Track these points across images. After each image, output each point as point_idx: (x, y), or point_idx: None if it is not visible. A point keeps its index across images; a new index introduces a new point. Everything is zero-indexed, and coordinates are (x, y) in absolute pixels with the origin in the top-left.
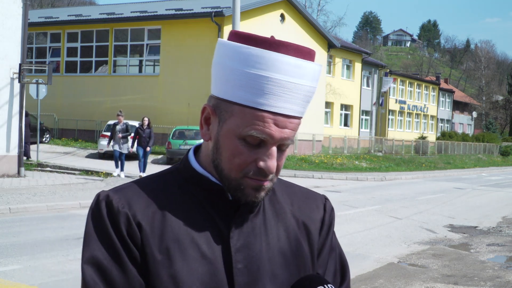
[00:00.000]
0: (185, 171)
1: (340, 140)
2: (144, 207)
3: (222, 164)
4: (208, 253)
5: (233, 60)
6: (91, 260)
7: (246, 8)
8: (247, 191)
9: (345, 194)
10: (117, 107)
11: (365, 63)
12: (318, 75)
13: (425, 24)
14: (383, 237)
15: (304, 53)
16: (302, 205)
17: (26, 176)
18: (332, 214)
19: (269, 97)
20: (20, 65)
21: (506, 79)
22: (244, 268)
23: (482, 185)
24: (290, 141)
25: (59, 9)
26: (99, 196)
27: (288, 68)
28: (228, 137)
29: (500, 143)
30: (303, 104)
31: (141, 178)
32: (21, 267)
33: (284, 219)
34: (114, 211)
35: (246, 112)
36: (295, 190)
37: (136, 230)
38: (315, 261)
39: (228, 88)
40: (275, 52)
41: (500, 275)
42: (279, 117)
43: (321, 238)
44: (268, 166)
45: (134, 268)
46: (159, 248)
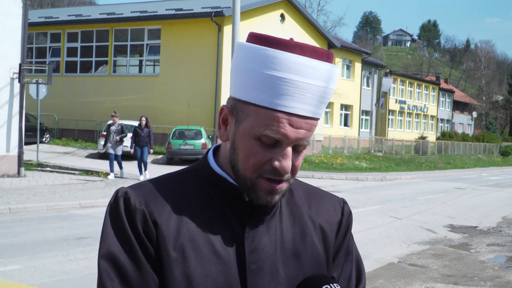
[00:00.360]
0: (204, 171)
1: (340, 140)
2: (161, 205)
3: (238, 164)
4: (222, 253)
5: (249, 61)
6: (107, 255)
7: (246, 8)
8: (260, 194)
9: (345, 194)
10: (117, 107)
11: (365, 63)
12: (335, 77)
13: (425, 24)
14: (383, 237)
15: (320, 54)
16: (320, 208)
17: (26, 176)
18: (349, 217)
19: (284, 97)
20: (20, 65)
21: (506, 79)
22: (258, 269)
23: (482, 185)
24: (306, 142)
25: (59, 9)
26: (118, 192)
27: (303, 68)
28: (244, 137)
29: (500, 143)
30: (319, 105)
31: (159, 176)
32: (21, 267)
33: (301, 222)
34: (131, 208)
35: (261, 113)
36: (313, 192)
37: (152, 228)
38: (330, 264)
39: (244, 89)
40: (291, 53)
41: (500, 275)
42: (294, 117)
43: (337, 241)
44: (283, 166)
45: (148, 265)
46: (174, 246)
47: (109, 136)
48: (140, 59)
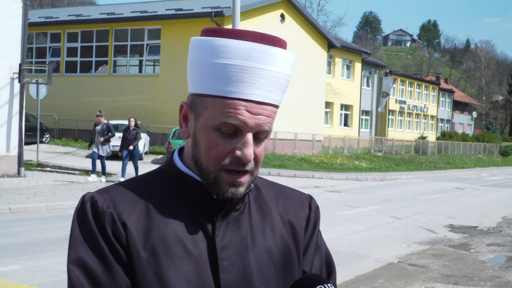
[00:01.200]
0: (170, 172)
1: (340, 140)
2: (129, 207)
3: (201, 158)
4: (193, 251)
5: (201, 54)
6: (76, 261)
7: (246, 8)
8: (224, 187)
9: (345, 194)
10: (117, 107)
11: (365, 63)
12: (289, 63)
13: (425, 24)
14: (383, 237)
15: (271, 40)
16: (288, 204)
17: (26, 176)
18: (317, 212)
19: (238, 84)
20: (20, 65)
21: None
22: (230, 265)
23: (482, 185)
24: (267, 128)
25: (59, 9)
26: (84, 197)
27: (254, 54)
28: (204, 130)
29: (500, 143)
30: (276, 91)
31: (126, 180)
32: (21, 267)
33: (270, 218)
34: (99, 212)
35: (217, 102)
36: (281, 189)
37: (121, 230)
38: (301, 259)
39: (199, 82)
40: (241, 40)
41: (500, 275)
42: (250, 103)
43: (306, 236)
44: (245, 154)
45: (120, 268)
46: (145, 247)
47: (94, 136)
48: (140, 59)
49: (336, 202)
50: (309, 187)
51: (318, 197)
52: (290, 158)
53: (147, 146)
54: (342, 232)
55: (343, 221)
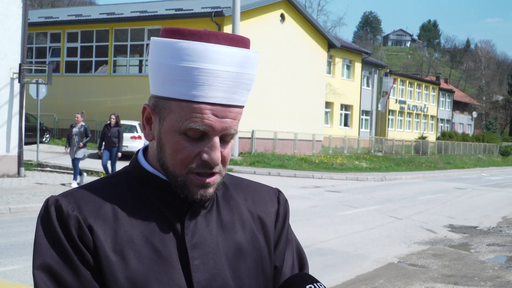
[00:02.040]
0: (135, 171)
1: (340, 140)
2: (95, 210)
3: (167, 161)
4: (163, 251)
5: (165, 56)
6: (42, 267)
7: (246, 8)
8: (193, 189)
9: (345, 194)
10: (117, 107)
11: (365, 63)
12: (255, 62)
13: (425, 24)
14: (383, 237)
15: (236, 41)
16: (256, 199)
17: (26, 176)
18: (286, 206)
19: (204, 88)
20: (20, 65)
21: (506, 79)
22: (201, 264)
23: (482, 185)
24: (233, 131)
25: (59, 9)
26: (48, 201)
27: (219, 57)
28: (170, 133)
29: (500, 143)
30: (242, 92)
31: (90, 182)
32: (21, 267)
33: (239, 214)
34: (64, 215)
35: (183, 106)
36: (248, 184)
37: (87, 233)
38: (272, 254)
39: (163, 85)
40: (205, 42)
41: (500, 275)
42: (217, 107)
43: (277, 231)
44: (212, 158)
45: (88, 272)
46: (113, 249)
47: (71, 139)
48: (140, 59)
49: (336, 202)
50: (309, 187)
51: (318, 197)
52: (290, 158)
53: None
54: (342, 232)
55: (343, 221)
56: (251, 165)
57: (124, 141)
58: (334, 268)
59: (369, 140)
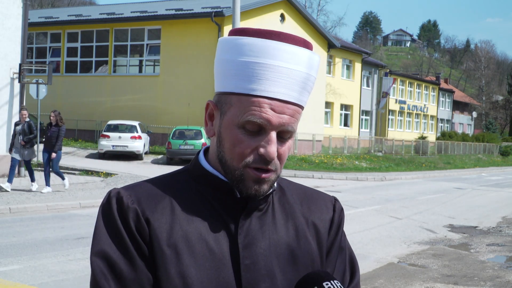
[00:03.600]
0: (195, 171)
1: (340, 140)
2: (154, 204)
3: (225, 155)
4: (216, 249)
5: (228, 53)
6: (100, 253)
7: (246, 8)
8: (248, 183)
9: (345, 194)
10: (117, 107)
11: (365, 63)
12: (315, 64)
13: (425, 24)
14: (383, 237)
15: (297, 41)
16: (312, 206)
17: (26, 176)
18: (341, 214)
19: (263, 82)
20: (20, 65)
21: (506, 79)
22: (252, 264)
23: (482, 185)
24: (290, 128)
25: (59, 9)
26: (110, 193)
27: (280, 54)
28: (229, 127)
29: (500, 143)
30: (301, 91)
31: (152, 178)
32: (21, 267)
33: (294, 218)
34: (124, 207)
35: (242, 100)
36: (305, 190)
37: (144, 226)
38: (324, 260)
39: (226, 81)
40: (267, 39)
41: (500, 275)
42: (275, 101)
43: (330, 238)
44: (268, 151)
45: (142, 262)
46: (168, 243)
47: (15, 138)
48: (140, 59)
49: None
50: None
51: None
52: (290, 158)
53: (147, 146)
54: None
55: None
56: None
57: (124, 141)
58: None
59: (369, 140)
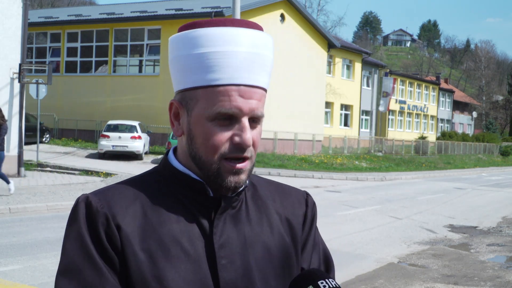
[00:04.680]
0: (166, 171)
1: (340, 140)
2: (124, 208)
3: (199, 152)
4: (191, 251)
5: (183, 49)
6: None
7: (246, 8)
8: (226, 176)
9: (345, 194)
10: (117, 107)
11: (365, 63)
12: (269, 44)
13: (425, 24)
14: (383, 237)
15: (250, 24)
16: (284, 201)
17: (26, 176)
18: (314, 209)
19: (226, 70)
20: (20, 65)
21: (506, 79)
22: (228, 263)
23: (482, 185)
24: (260, 113)
25: (59, 9)
26: (79, 198)
27: (237, 39)
28: (199, 122)
29: (500, 143)
30: (263, 73)
31: (121, 181)
32: (21, 267)
33: (267, 215)
34: (93, 212)
35: (209, 92)
36: (277, 186)
37: (115, 231)
38: (299, 256)
39: (186, 77)
40: (215, 27)
41: (500, 275)
42: (242, 87)
43: (304, 233)
44: (244, 139)
45: (111, 274)
46: (141, 248)
47: None
48: (140, 59)
49: (336, 202)
50: (309, 187)
51: (318, 197)
52: (290, 158)
53: (147, 146)
54: (342, 232)
55: (343, 221)
56: None
57: (124, 141)
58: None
59: (369, 140)
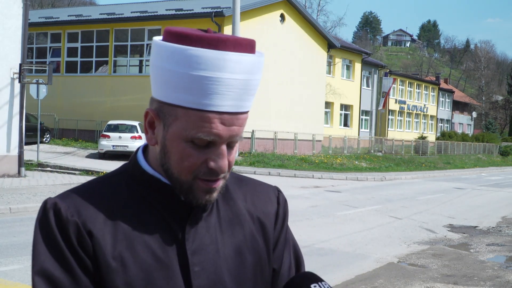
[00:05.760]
0: (135, 172)
1: (340, 140)
2: (94, 214)
3: (172, 168)
4: (163, 257)
5: (173, 63)
6: (41, 272)
7: (246, 8)
8: (199, 194)
9: (345, 194)
10: (117, 107)
11: (365, 63)
12: (260, 66)
13: (425, 24)
14: (383, 237)
15: (244, 46)
16: (256, 200)
17: (26, 176)
18: (285, 206)
19: (213, 97)
20: (21, 65)
21: (505, 79)
22: (202, 270)
23: (482, 185)
24: (238, 138)
25: (59, 9)
26: (46, 203)
27: (228, 64)
28: (175, 140)
29: (500, 143)
30: (249, 98)
31: (89, 181)
32: (21, 267)
33: (238, 216)
34: (63, 220)
35: (190, 114)
36: (248, 183)
37: (87, 239)
38: (271, 256)
39: (170, 91)
40: (215, 50)
41: (500, 275)
42: (225, 115)
43: (275, 232)
44: (219, 165)
45: (86, 279)
46: (112, 255)
47: None
48: (140, 59)
49: (336, 202)
50: (309, 187)
51: (318, 197)
52: (290, 158)
53: None
54: (342, 232)
55: (343, 221)
56: (251, 165)
57: (124, 141)
58: (334, 268)
59: (369, 140)
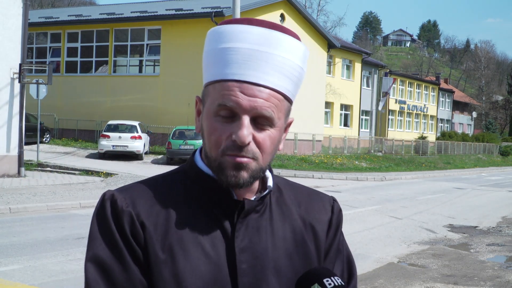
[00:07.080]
0: (191, 171)
1: (340, 140)
2: (149, 207)
3: (206, 146)
4: (211, 253)
5: (207, 44)
6: (94, 259)
7: (246, 8)
8: (227, 171)
9: (345, 194)
10: (117, 107)
11: (365, 63)
12: (297, 51)
13: (425, 24)
14: (383, 237)
15: (270, 25)
16: (309, 207)
17: (26, 176)
18: (340, 215)
19: (233, 66)
20: (20, 65)
21: (506, 79)
22: (248, 268)
23: (482, 185)
24: (266, 113)
25: (59, 9)
26: (105, 195)
27: (253, 37)
28: (207, 117)
29: (500, 143)
30: (279, 76)
31: (148, 178)
32: (21, 267)
33: (291, 220)
34: (118, 210)
35: (216, 88)
36: (303, 191)
37: (139, 229)
38: (321, 263)
39: (206, 73)
40: (236, 24)
41: (500, 275)
42: (244, 84)
43: (328, 240)
44: (239, 135)
45: (136, 268)
46: (162, 247)
47: None
48: (140, 59)
49: None
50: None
51: None
52: (290, 158)
53: (147, 146)
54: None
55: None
56: None
57: (124, 141)
58: None
59: (369, 140)
